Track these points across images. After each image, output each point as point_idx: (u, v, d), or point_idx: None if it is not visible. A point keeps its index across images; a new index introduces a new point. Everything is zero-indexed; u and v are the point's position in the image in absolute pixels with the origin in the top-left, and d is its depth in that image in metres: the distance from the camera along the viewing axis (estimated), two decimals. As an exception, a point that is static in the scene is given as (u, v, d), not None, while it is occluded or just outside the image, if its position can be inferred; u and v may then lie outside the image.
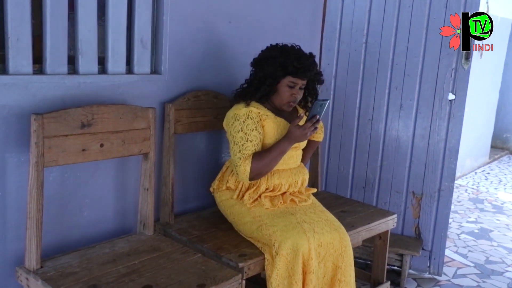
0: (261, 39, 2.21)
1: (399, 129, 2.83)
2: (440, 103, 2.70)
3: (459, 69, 2.63)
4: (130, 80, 1.89)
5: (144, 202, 1.88)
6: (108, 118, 1.71)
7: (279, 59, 1.87)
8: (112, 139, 1.72)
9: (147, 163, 1.86)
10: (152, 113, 1.83)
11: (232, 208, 1.96)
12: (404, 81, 2.78)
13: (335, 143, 3.05)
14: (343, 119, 2.99)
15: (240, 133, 1.83)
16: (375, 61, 2.85)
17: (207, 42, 2.15)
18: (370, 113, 2.90)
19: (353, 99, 2.95)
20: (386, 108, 2.85)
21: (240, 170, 1.82)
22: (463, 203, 4.40)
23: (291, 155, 1.97)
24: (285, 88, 1.90)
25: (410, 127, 2.80)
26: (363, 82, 2.91)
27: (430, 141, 2.75)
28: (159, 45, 1.97)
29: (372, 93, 2.88)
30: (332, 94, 3.00)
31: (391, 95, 2.83)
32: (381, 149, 2.89)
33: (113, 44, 1.82)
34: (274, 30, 2.39)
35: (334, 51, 2.95)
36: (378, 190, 2.93)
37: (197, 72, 2.14)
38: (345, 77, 2.95)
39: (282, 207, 1.92)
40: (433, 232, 2.82)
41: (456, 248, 3.33)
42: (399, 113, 2.82)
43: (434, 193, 2.77)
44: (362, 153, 2.96)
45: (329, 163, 3.08)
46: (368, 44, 2.86)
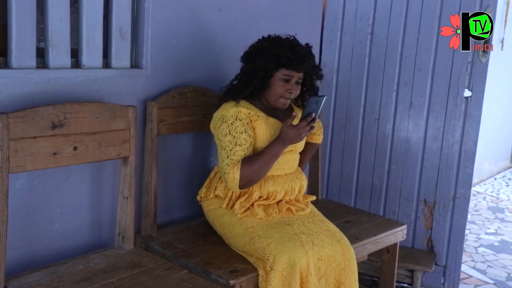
0: (254, 29, 2.23)
1: (409, 130, 2.85)
2: (455, 101, 2.73)
3: (476, 62, 2.66)
4: (107, 75, 1.90)
5: (123, 212, 1.89)
6: (82, 117, 1.72)
7: (271, 50, 1.89)
8: (87, 141, 1.74)
9: (126, 168, 1.87)
10: (132, 112, 1.85)
11: (222, 218, 1.97)
12: (415, 76, 2.80)
13: (337, 145, 3.06)
14: (346, 118, 3.01)
15: (228, 137, 1.85)
16: (381, 54, 2.87)
17: (194, 32, 2.16)
18: (376, 112, 2.92)
19: (357, 97, 2.96)
20: (394, 106, 2.88)
21: (229, 177, 1.84)
22: (481, 213, 4.42)
23: (286, 159, 1.99)
24: (279, 83, 1.92)
25: (421, 127, 2.82)
26: (369, 77, 2.93)
27: (444, 143, 2.78)
28: (140, 36, 1.98)
29: (379, 90, 2.90)
30: (334, 90, 3.02)
31: (399, 92, 2.85)
32: (389, 152, 2.91)
33: (88, 35, 1.83)
34: (268, 20, 2.42)
35: (336, 42, 2.96)
36: (386, 198, 2.94)
37: (183, 66, 2.15)
38: (348, 71, 2.97)
39: (277, 217, 1.93)
40: (448, 245, 2.84)
41: (473, 263, 3.34)
42: (409, 111, 2.84)
43: (448, 201, 2.80)
44: (368, 156, 2.97)
45: (331, 167, 3.09)
46: (374, 35, 2.88)
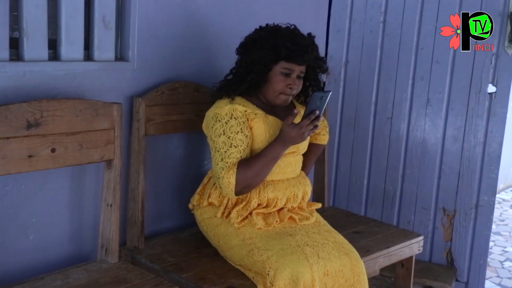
0: (252, 17, 2.22)
1: (426, 130, 2.83)
2: (477, 97, 2.70)
3: (501, 54, 2.63)
4: (89, 68, 1.89)
5: (107, 222, 1.88)
6: (61, 116, 1.70)
7: (269, 40, 1.88)
8: (66, 142, 1.72)
9: (110, 172, 1.86)
10: (117, 110, 1.84)
11: (217, 228, 1.96)
12: (432, 69, 2.78)
13: (346, 147, 3.04)
14: (356, 117, 2.98)
15: (222, 137, 1.84)
16: (395, 45, 2.84)
17: (186, 21, 2.14)
18: (389, 110, 2.90)
19: (368, 93, 2.94)
20: (410, 103, 2.85)
21: (224, 182, 1.83)
22: (508, 222, 4.41)
23: (288, 162, 1.97)
24: (279, 77, 1.90)
25: (440, 127, 2.80)
26: (381, 71, 2.91)
27: (465, 144, 2.75)
28: (126, 25, 1.97)
29: (392, 85, 2.88)
30: (342, 86, 2.99)
31: (415, 87, 2.83)
32: (403, 154, 2.89)
33: (68, 24, 1.82)
34: (268, 7, 2.41)
35: (345, 32, 2.94)
36: (400, 206, 2.92)
37: (174, 58, 2.14)
38: (358, 65, 2.94)
39: (278, 226, 1.92)
40: (470, 259, 2.81)
41: (499, 279, 3.32)
42: (426, 109, 2.82)
43: (470, 209, 2.77)
44: (380, 159, 2.95)
45: (338, 171, 3.07)
46: (387, 24, 2.85)
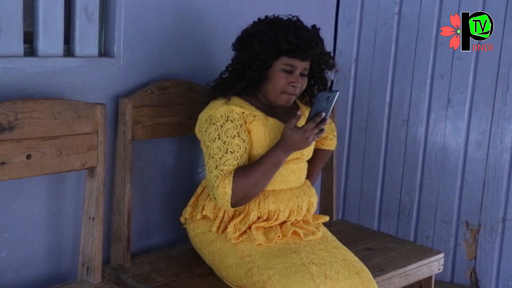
0: (250, 9, 2.23)
1: (446, 134, 2.83)
2: (504, 97, 2.71)
3: (530, 49, 2.65)
4: (69, 65, 1.89)
5: (89, 237, 1.88)
6: (38, 118, 1.70)
7: (269, 34, 1.88)
8: (43, 148, 1.72)
9: (93, 181, 1.86)
10: (101, 112, 1.84)
11: (212, 245, 1.96)
12: (453, 66, 2.78)
13: (357, 153, 3.05)
14: (368, 120, 3.00)
15: (217, 142, 1.84)
16: (412, 39, 2.84)
17: (178, 13, 2.15)
18: (405, 112, 2.90)
19: (381, 92, 2.95)
20: (428, 104, 2.86)
21: (218, 193, 1.82)
22: (538, 238, 4.39)
23: (291, 170, 1.97)
24: (280, 74, 1.90)
25: (462, 131, 2.80)
26: (396, 68, 2.91)
27: (490, 150, 2.76)
28: (111, 17, 1.98)
29: (408, 84, 2.88)
30: (352, 85, 3.00)
31: (434, 86, 2.83)
32: (421, 161, 2.89)
33: (46, 15, 1.82)
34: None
35: (355, 24, 2.95)
36: (418, 219, 2.93)
37: (164, 54, 2.14)
38: (370, 61, 2.95)
39: (280, 242, 1.91)
40: (497, 280, 2.82)
41: (529, 302, 3.34)
42: (446, 111, 2.82)
43: (496, 223, 2.78)
44: (395, 167, 2.96)
45: (348, 180, 3.08)
46: (403, 15, 2.85)
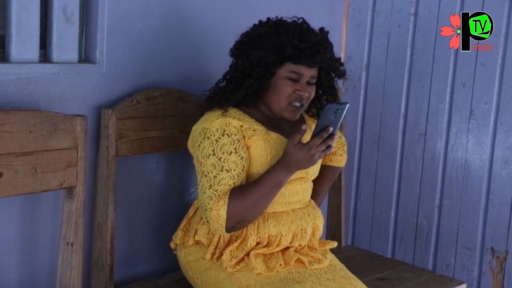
0: (251, 11, 2.29)
1: (469, 150, 2.83)
2: None
3: None
4: (46, 72, 1.94)
5: (67, 265, 1.92)
6: (10, 132, 1.74)
7: (272, 38, 1.91)
8: (16, 165, 1.77)
9: (72, 202, 1.91)
10: (81, 124, 1.88)
11: (205, 274, 1.99)
12: (476, 73, 2.77)
13: (368, 170, 3.09)
14: (380, 133, 3.04)
15: (211, 159, 1.86)
16: (430, 43, 2.86)
17: (168, 14, 2.20)
18: (422, 125, 2.92)
19: (395, 103, 2.98)
20: (448, 116, 2.87)
21: (212, 215, 1.84)
22: None
23: (294, 190, 2.01)
24: (285, 82, 1.92)
25: (486, 146, 2.79)
26: (411, 76, 2.94)
27: None
28: (92, 19, 2.03)
29: (426, 93, 2.90)
30: (363, 94, 3.06)
31: (455, 96, 2.84)
32: (440, 180, 2.91)
33: (20, 16, 1.86)
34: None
35: (366, 27, 3.01)
36: (437, 245, 2.94)
37: (152, 60, 2.20)
38: (383, 67, 2.99)
39: (282, 271, 1.93)
40: None
41: None
42: (468, 124, 2.82)
43: None
44: (411, 186, 2.98)
45: (359, 201, 3.12)
46: (419, 16, 2.88)
